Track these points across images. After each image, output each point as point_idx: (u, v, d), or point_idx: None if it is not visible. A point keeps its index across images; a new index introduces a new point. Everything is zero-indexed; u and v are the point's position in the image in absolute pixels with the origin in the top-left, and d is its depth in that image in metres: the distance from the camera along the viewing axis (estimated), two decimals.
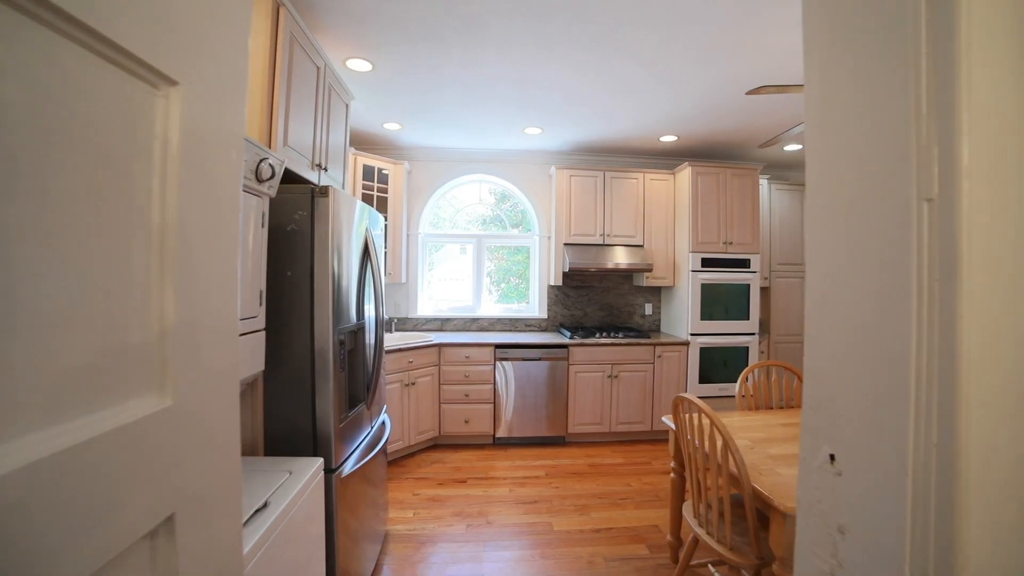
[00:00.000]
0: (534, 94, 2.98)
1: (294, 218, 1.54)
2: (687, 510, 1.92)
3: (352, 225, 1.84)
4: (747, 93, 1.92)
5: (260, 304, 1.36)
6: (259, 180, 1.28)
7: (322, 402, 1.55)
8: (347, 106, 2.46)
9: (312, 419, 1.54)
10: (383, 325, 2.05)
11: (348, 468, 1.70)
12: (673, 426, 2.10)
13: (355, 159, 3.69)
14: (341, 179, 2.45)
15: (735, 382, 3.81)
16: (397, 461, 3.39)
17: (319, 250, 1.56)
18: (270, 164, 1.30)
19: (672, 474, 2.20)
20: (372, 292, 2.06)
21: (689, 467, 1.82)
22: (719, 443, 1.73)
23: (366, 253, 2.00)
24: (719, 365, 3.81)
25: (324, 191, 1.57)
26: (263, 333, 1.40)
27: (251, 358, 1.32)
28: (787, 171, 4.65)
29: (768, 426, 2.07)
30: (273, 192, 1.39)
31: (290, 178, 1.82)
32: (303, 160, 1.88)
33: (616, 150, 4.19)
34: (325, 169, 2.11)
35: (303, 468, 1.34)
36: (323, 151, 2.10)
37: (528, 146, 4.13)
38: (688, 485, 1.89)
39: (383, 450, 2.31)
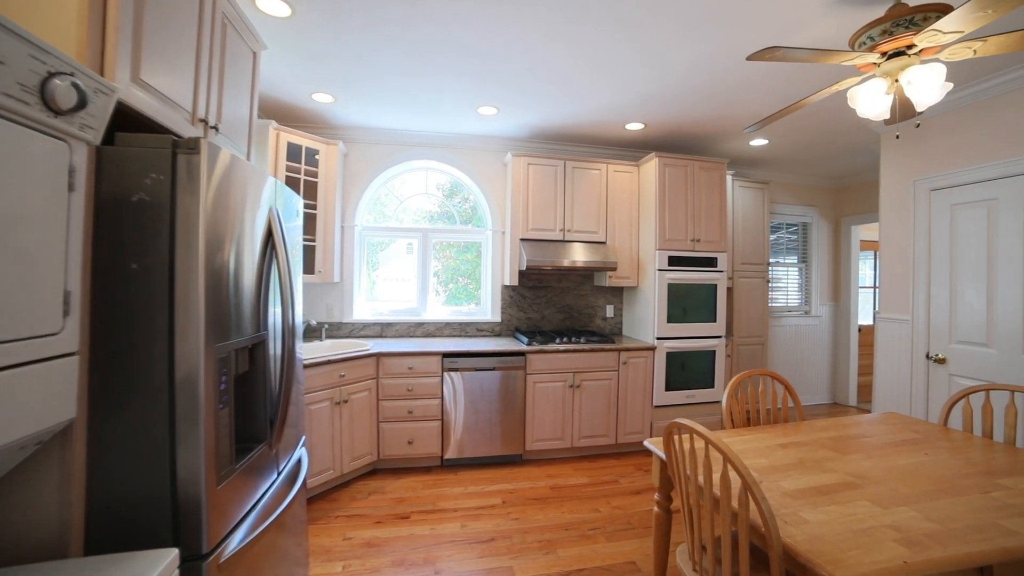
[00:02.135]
0: (492, 64, 2.56)
1: (143, 183, 1.03)
2: (682, 558, 1.59)
3: (250, 201, 1.34)
4: (748, 58, 1.62)
5: (66, 314, 0.85)
6: (52, 109, 0.77)
7: (187, 456, 1.04)
8: (255, 55, 1.92)
9: (171, 484, 1.03)
10: (294, 334, 1.55)
11: (235, 543, 1.20)
12: (662, 454, 1.76)
13: (277, 135, 3.10)
14: (246, 151, 1.91)
15: (703, 388, 3.60)
16: (326, 495, 2.85)
17: (184, 232, 1.05)
18: (75, 85, 0.79)
19: (656, 508, 1.87)
20: (279, 293, 1.55)
21: (685, 505, 1.49)
22: (735, 484, 1.41)
23: (271, 241, 1.50)
24: (687, 370, 3.58)
25: (193, 145, 1.06)
26: (74, 359, 0.88)
27: (48, 400, 0.81)
28: (750, 168, 4.55)
29: (767, 448, 1.78)
30: (94, 137, 0.88)
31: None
32: (176, 112, 1.35)
33: (578, 138, 3.86)
34: (216, 129, 1.57)
35: (139, 573, 0.84)
36: (213, 105, 1.56)
37: (482, 130, 3.71)
38: (684, 526, 1.56)
39: (302, 488, 1.81)
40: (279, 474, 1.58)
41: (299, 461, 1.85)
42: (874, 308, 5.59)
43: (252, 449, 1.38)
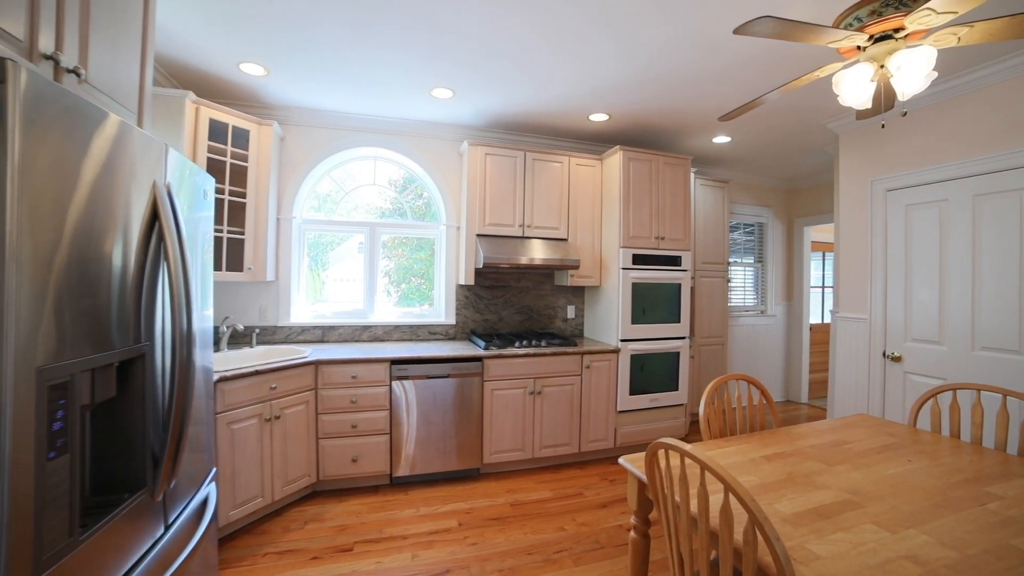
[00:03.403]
0: (446, 39, 2.28)
1: None
2: None
3: (122, 171, 1.00)
4: (735, 31, 1.45)
5: None
6: None
7: None
8: None
9: None
10: (191, 343, 1.21)
11: None
12: (641, 475, 1.56)
13: (196, 109, 2.66)
14: (137, 117, 1.53)
15: (668, 391, 3.48)
16: (253, 527, 2.45)
17: None
18: None
19: (632, 532, 1.66)
20: (170, 292, 1.21)
21: (672, 539, 1.28)
22: (739, 519, 1.21)
23: (156, 228, 1.15)
24: (651, 373, 3.45)
25: None
26: None
27: None
28: (710, 167, 4.52)
29: (752, 462, 1.62)
30: None
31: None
32: None
33: (539, 128, 3.64)
34: (77, 75, 1.20)
35: None
36: (72, 45, 1.19)
37: (436, 116, 3.41)
38: (670, 561, 1.36)
39: (212, 526, 1.48)
40: (168, 527, 1.23)
41: (204, 501, 1.50)
42: (823, 307, 5.77)
43: (122, 502, 1.03)
